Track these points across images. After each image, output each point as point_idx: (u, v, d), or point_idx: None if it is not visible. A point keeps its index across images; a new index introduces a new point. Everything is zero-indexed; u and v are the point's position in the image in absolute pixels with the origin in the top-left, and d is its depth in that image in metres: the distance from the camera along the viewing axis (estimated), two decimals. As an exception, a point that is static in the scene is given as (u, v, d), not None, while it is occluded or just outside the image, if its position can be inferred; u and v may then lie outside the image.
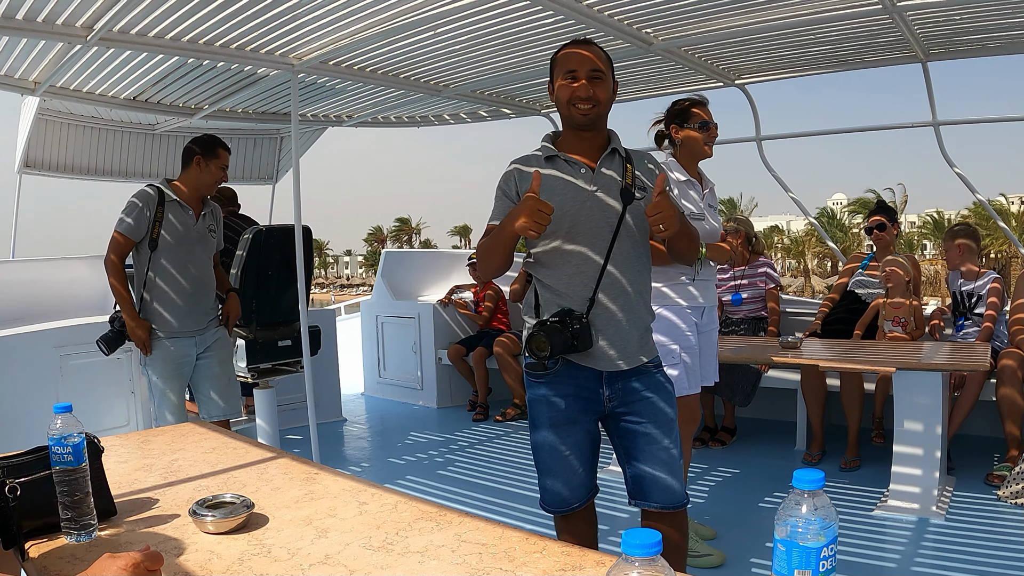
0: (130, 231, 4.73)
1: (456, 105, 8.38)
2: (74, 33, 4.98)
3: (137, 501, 2.22)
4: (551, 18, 5.46)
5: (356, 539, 1.86)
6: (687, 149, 4.30)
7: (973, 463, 5.63)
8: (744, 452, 6.40)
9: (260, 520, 2.02)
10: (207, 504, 2.02)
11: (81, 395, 6.37)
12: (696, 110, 4.29)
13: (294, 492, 2.24)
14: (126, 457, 2.71)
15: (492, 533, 1.85)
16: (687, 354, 4.14)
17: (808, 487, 1.32)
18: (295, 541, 1.86)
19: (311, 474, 2.42)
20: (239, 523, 1.96)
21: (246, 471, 2.50)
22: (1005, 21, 5.71)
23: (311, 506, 2.11)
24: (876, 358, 5.03)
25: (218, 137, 5.05)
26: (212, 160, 4.92)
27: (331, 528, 1.94)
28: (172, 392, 4.85)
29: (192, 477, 2.43)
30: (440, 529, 1.90)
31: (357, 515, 2.03)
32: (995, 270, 6.28)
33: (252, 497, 2.10)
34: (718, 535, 4.59)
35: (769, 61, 7.00)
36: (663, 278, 4.12)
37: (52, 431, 1.91)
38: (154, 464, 2.61)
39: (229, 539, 1.90)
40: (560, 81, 3.07)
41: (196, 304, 4.94)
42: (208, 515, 1.95)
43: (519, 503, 5.32)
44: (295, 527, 1.96)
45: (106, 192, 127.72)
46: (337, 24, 5.42)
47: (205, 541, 1.89)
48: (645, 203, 2.97)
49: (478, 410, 8.23)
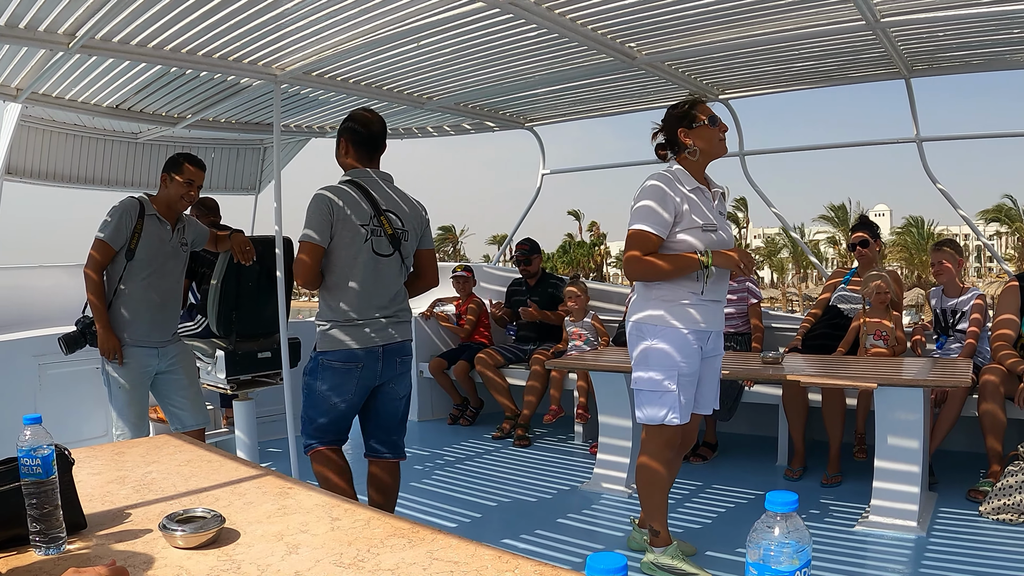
0: (112, 237, 4.78)
1: (440, 117, 8.38)
2: (56, 40, 4.96)
3: (108, 514, 2.19)
4: (535, 31, 5.47)
5: (327, 555, 1.83)
6: (700, 151, 4.09)
7: (955, 479, 5.63)
8: (725, 467, 6.39)
9: (231, 535, 1.99)
10: (178, 518, 1.99)
11: (60, 405, 6.33)
12: (698, 109, 4.09)
13: (267, 507, 2.21)
14: (99, 469, 2.67)
15: (464, 551, 1.83)
16: (683, 386, 4.03)
17: (781, 509, 1.30)
18: (265, 557, 1.84)
19: (284, 488, 2.39)
20: (209, 538, 1.93)
21: (219, 485, 2.47)
22: (988, 38, 5.74)
23: (283, 521, 2.08)
24: (857, 374, 5.03)
25: (189, 154, 5.08)
26: (176, 175, 4.95)
27: (302, 544, 1.91)
28: (135, 400, 4.92)
29: (165, 492, 2.40)
30: (412, 546, 1.88)
31: (329, 531, 2.00)
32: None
33: (224, 511, 2.08)
34: (698, 551, 4.57)
35: (752, 76, 7.03)
36: (670, 295, 4.02)
37: (21, 443, 1.89)
38: (127, 476, 2.58)
39: (199, 554, 1.87)
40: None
41: (163, 317, 5.03)
42: (178, 530, 1.92)
43: (496, 516, 5.30)
44: (266, 543, 1.93)
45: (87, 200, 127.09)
46: (320, 35, 5.42)
47: (175, 556, 1.87)
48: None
49: (467, 413, 8.26)
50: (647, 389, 4.07)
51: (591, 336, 7.45)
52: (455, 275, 8.63)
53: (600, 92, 7.48)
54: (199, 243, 5.33)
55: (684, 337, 4.01)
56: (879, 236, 6.78)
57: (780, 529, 1.29)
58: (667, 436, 4.12)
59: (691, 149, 4.09)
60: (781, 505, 1.30)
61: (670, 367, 4.00)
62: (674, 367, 4.00)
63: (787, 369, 5.28)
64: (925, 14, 5.19)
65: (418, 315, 8.62)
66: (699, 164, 4.14)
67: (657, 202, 3.94)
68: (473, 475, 6.36)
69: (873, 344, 5.99)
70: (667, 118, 4.22)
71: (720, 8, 5.21)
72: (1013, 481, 4.94)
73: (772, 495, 1.30)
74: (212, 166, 9.41)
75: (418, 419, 8.50)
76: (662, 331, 4.02)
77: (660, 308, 4.03)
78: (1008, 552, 4.44)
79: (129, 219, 4.82)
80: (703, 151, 4.09)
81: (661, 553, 4.21)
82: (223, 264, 5.68)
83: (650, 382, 4.05)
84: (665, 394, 4.01)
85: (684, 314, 4.02)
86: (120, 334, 4.85)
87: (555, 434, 7.67)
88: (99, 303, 4.80)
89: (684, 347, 4.01)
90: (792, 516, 1.30)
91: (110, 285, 4.90)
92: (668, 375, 4.00)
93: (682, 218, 3.97)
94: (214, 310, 5.76)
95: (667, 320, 4.01)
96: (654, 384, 4.04)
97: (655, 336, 4.04)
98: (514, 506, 5.55)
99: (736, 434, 7.26)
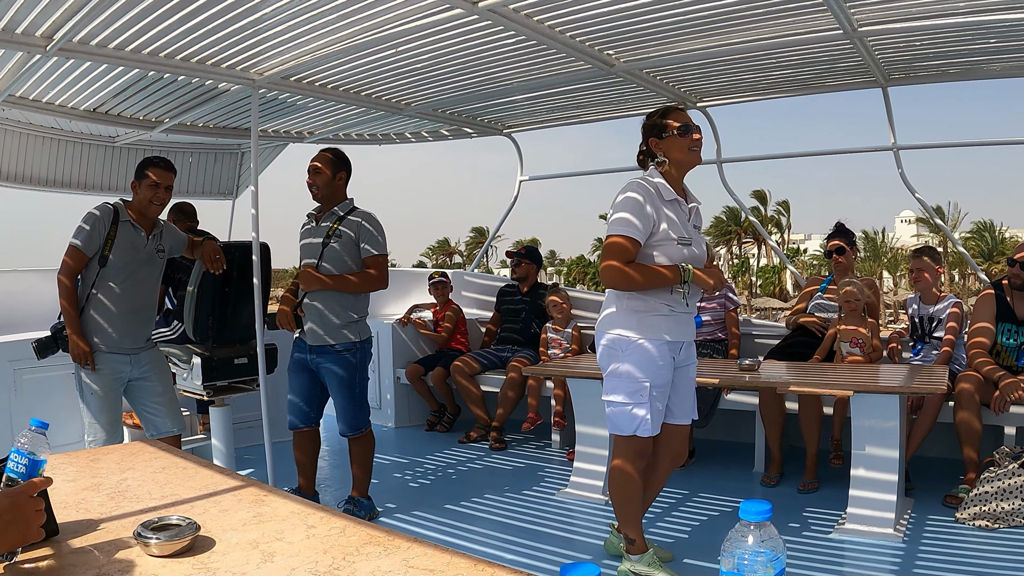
0: (86, 243, 4.78)
1: (418, 124, 8.38)
2: (33, 43, 4.94)
3: (82, 522, 2.17)
4: (513, 38, 5.48)
5: (302, 564, 1.82)
6: (671, 161, 4.08)
7: (932, 485, 5.66)
8: (702, 474, 6.40)
9: (206, 543, 1.97)
10: (152, 526, 1.97)
11: (35, 410, 6.27)
12: (671, 118, 4.06)
13: (242, 514, 2.20)
14: (74, 476, 2.65)
15: (440, 559, 1.82)
16: (657, 394, 4.04)
17: (755, 518, 1.30)
18: (240, 565, 1.83)
19: (260, 496, 2.38)
20: (184, 546, 1.92)
21: (194, 491, 2.45)
22: (965, 48, 5.79)
23: (259, 529, 2.07)
24: (834, 380, 5.05)
25: (154, 157, 5.08)
26: (142, 180, 4.96)
27: (278, 552, 1.90)
28: (108, 406, 4.91)
29: (140, 499, 2.38)
30: (388, 554, 1.87)
31: (305, 539, 1.99)
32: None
33: (199, 519, 2.06)
34: (675, 558, 4.58)
35: (730, 84, 7.06)
36: (643, 306, 4.03)
37: (19, 441, 1.93)
38: (102, 483, 2.56)
39: (174, 562, 1.86)
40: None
41: (136, 324, 5.02)
42: (153, 538, 1.91)
43: (473, 523, 5.29)
44: (241, 551, 1.92)
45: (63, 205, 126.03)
46: (299, 40, 5.41)
47: (149, 564, 1.85)
48: (340, 246, 5.08)
49: (445, 420, 8.27)
50: (620, 397, 4.08)
51: (569, 345, 7.47)
52: (432, 282, 8.62)
53: (578, 99, 7.50)
54: (177, 250, 5.31)
55: (655, 352, 4.01)
56: (855, 244, 6.82)
57: (754, 538, 1.29)
58: (638, 447, 4.12)
59: (660, 159, 4.10)
60: (755, 514, 1.30)
61: (640, 387, 4.01)
62: (649, 373, 4.01)
63: (764, 376, 5.30)
64: (903, 23, 5.23)
65: (395, 321, 8.61)
66: (675, 174, 4.13)
67: (634, 212, 3.93)
68: (450, 481, 6.35)
69: (849, 352, 6.02)
70: (642, 127, 4.23)
71: (698, 16, 5.23)
72: (990, 488, 4.97)
73: (746, 504, 1.31)
74: (189, 171, 9.37)
75: (395, 425, 8.49)
76: (633, 346, 4.02)
77: (632, 319, 4.04)
78: (984, 557, 4.47)
79: (103, 225, 4.81)
80: (674, 161, 4.09)
81: (637, 561, 4.21)
82: (199, 270, 5.66)
83: (623, 385, 4.06)
84: (639, 402, 4.01)
85: (656, 325, 4.02)
86: (92, 340, 4.83)
87: (533, 441, 7.66)
88: (71, 309, 4.79)
89: (653, 362, 4.01)
90: (766, 525, 1.30)
91: (83, 291, 4.88)
92: (638, 394, 4.01)
93: (658, 230, 3.98)
94: (191, 316, 5.73)
95: (639, 332, 4.02)
96: (628, 388, 4.04)
97: (626, 353, 4.05)
98: (491, 512, 5.54)
99: (713, 441, 7.27)
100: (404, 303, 9.40)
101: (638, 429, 4.04)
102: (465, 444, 7.62)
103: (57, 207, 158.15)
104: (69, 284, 4.80)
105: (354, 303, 5.18)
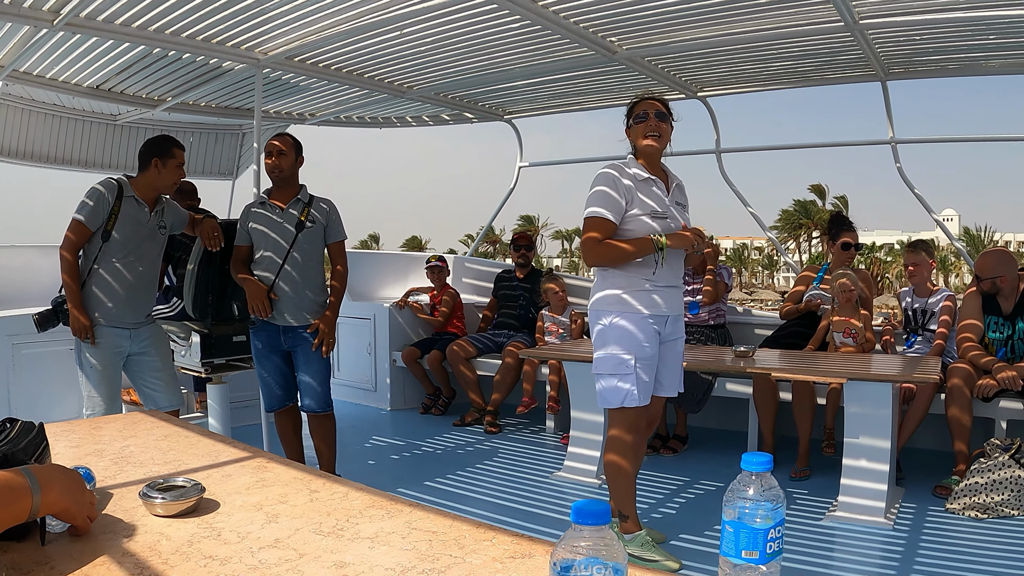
0: (89, 218, 4.76)
1: (419, 107, 8.39)
2: (40, 17, 4.96)
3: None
4: (517, 23, 5.50)
5: (306, 524, 1.86)
6: (637, 149, 4.26)
7: (922, 475, 5.71)
8: (695, 460, 6.44)
9: (211, 505, 2.01)
10: (157, 487, 2.00)
11: (33, 384, 6.30)
12: (636, 107, 4.25)
13: (245, 479, 2.23)
14: (77, 442, 2.68)
15: (442, 522, 1.86)
16: (642, 366, 4.12)
17: (756, 469, 1.34)
18: (245, 525, 1.86)
19: (263, 463, 2.41)
20: (189, 506, 1.94)
21: (197, 458, 2.49)
22: (964, 43, 5.81)
23: (262, 493, 2.11)
24: (827, 369, 5.09)
25: (170, 136, 5.07)
26: (169, 160, 4.95)
27: (281, 514, 1.94)
28: (107, 380, 4.92)
29: (143, 464, 2.41)
30: (391, 517, 1.90)
31: (308, 502, 2.03)
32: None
33: (203, 483, 2.09)
34: (667, 539, 4.62)
35: (731, 75, 7.09)
36: (624, 283, 4.14)
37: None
38: (105, 450, 2.59)
39: (179, 522, 1.89)
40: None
41: (137, 299, 5.03)
42: (158, 497, 1.93)
43: (468, 505, 5.32)
44: (245, 512, 1.95)
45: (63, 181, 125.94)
46: (304, 20, 5.43)
47: (155, 523, 1.88)
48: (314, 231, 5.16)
49: (440, 403, 8.32)
50: (606, 371, 4.18)
51: (566, 332, 7.50)
52: (429, 265, 8.65)
53: (579, 86, 7.53)
54: (178, 227, 5.33)
55: (642, 320, 4.13)
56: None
57: (755, 488, 1.34)
58: (630, 419, 4.19)
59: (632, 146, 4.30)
60: (756, 465, 1.34)
61: (628, 345, 4.11)
62: (632, 346, 4.11)
63: (758, 363, 5.33)
64: (903, 17, 5.26)
65: (392, 304, 8.64)
66: (649, 158, 4.26)
67: (608, 187, 4.10)
68: (445, 464, 6.38)
69: (842, 342, 6.06)
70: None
71: (702, 5, 5.27)
72: (981, 479, 5.02)
73: (748, 455, 1.35)
74: (190, 151, 9.37)
75: (390, 408, 8.52)
76: (616, 322, 4.13)
77: (614, 296, 4.16)
78: (972, 545, 4.52)
79: (107, 201, 4.81)
80: (637, 148, 4.26)
81: (630, 541, 4.26)
82: (199, 248, 5.68)
83: (609, 360, 4.15)
84: (624, 374, 4.10)
85: (641, 298, 4.14)
86: (92, 314, 4.84)
87: (527, 425, 7.71)
88: (72, 283, 4.79)
89: (643, 328, 4.12)
90: (766, 475, 1.35)
91: (85, 265, 4.88)
92: (623, 367, 4.10)
93: (633, 203, 4.12)
94: (190, 293, 5.74)
95: (625, 303, 4.14)
96: (613, 362, 4.13)
97: (611, 329, 4.16)
98: (486, 495, 5.58)
99: (706, 428, 7.33)
100: (401, 286, 9.44)
101: (625, 400, 4.12)
102: (460, 427, 7.67)
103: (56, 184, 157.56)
104: (71, 258, 4.80)
105: (324, 283, 5.35)
